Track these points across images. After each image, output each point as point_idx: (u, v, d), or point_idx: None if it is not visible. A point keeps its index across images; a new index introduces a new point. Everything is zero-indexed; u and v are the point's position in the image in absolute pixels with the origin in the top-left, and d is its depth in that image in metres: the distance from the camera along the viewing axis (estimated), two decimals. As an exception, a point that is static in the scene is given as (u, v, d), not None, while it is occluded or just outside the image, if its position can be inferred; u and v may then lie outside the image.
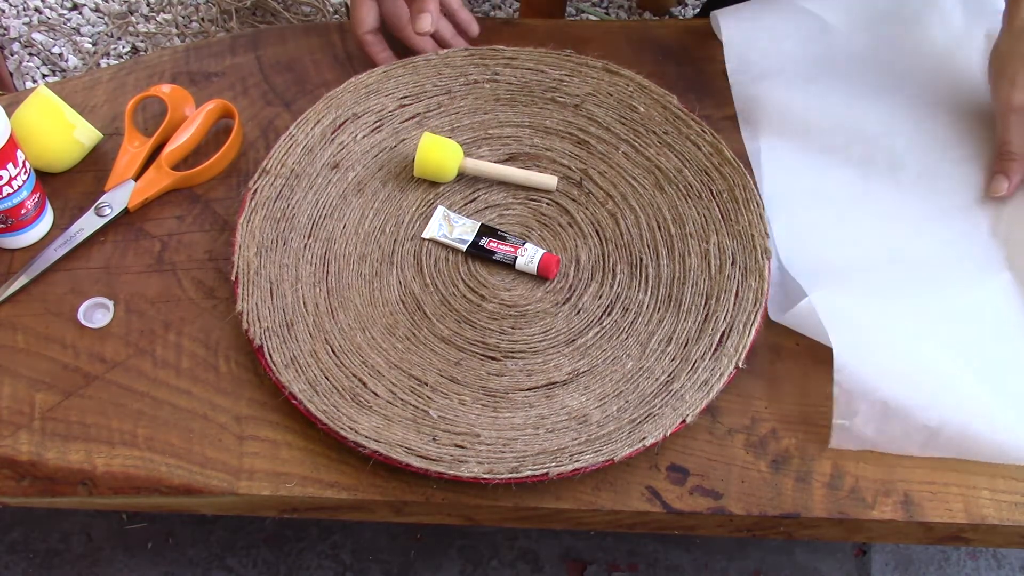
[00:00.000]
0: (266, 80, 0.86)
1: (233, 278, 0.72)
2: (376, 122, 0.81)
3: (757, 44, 0.87)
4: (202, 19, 1.36)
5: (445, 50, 0.85)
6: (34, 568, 1.03)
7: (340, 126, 0.81)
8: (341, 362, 0.70)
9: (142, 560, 1.03)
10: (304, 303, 0.72)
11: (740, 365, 0.69)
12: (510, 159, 0.80)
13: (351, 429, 0.66)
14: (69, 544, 1.04)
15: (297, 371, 0.69)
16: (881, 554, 1.04)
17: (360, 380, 0.69)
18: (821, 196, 0.79)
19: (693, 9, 1.59)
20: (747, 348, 0.70)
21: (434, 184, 0.79)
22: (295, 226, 0.76)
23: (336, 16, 1.35)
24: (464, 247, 0.75)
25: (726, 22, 0.87)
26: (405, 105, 0.82)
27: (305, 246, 0.75)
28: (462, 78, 0.83)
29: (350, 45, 0.88)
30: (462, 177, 0.79)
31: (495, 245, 0.75)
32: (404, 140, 0.81)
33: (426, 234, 0.76)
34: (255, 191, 0.77)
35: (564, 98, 0.82)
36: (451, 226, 0.76)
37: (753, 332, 0.70)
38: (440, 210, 0.77)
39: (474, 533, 1.05)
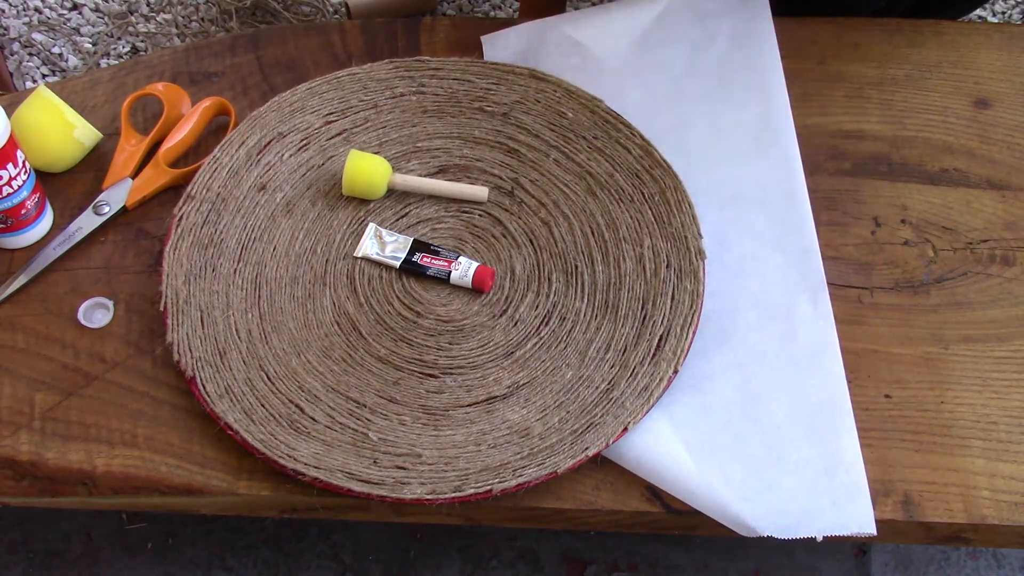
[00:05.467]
0: (266, 80, 0.86)
1: (162, 308, 0.71)
2: (302, 140, 0.80)
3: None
4: (202, 19, 1.36)
5: (369, 64, 0.83)
6: (34, 568, 1.03)
7: (266, 146, 0.79)
8: (277, 388, 0.69)
9: (142, 560, 1.03)
10: (236, 330, 0.71)
11: (679, 369, 0.68)
12: (440, 171, 0.79)
13: (289, 457, 0.65)
14: (69, 544, 1.04)
15: (232, 400, 0.68)
16: (881, 554, 1.03)
17: (297, 406, 0.68)
18: None
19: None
20: (685, 352, 0.69)
21: (364, 201, 0.77)
22: (224, 251, 0.74)
23: (336, 16, 1.35)
24: (397, 264, 0.74)
25: (489, 49, 0.86)
26: (331, 122, 0.81)
27: (235, 271, 0.74)
28: (388, 91, 0.82)
29: (350, 45, 0.88)
30: (392, 193, 0.78)
31: (428, 260, 0.74)
32: (332, 158, 0.79)
33: (358, 252, 0.75)
34: (180, 217, 0.75)
35: (492, 107, 0.81)
36: (383, 243, 0.75)
37: (691, 335, 0.69)
38: (371, 227, 0.76)
39: (474, 533, 1.05)
